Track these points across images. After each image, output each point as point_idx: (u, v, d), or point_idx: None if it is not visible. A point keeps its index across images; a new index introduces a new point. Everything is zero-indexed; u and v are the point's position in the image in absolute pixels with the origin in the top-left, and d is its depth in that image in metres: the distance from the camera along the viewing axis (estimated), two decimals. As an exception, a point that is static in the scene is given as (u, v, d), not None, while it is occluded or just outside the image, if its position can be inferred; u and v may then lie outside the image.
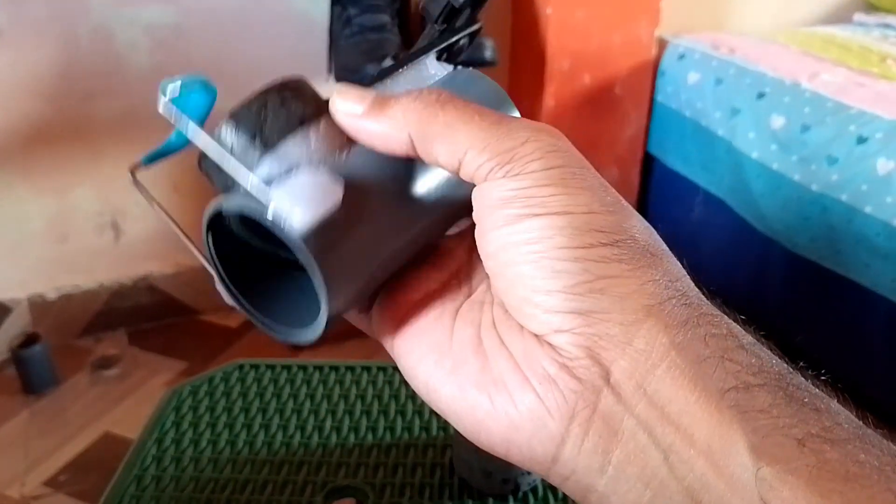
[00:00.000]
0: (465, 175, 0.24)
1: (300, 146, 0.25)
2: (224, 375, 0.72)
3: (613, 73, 1.76)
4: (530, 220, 0.23)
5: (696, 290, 0.25)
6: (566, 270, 0.23)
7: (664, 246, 0.25)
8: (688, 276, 0.25)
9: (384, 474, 0.59)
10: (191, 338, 1.79)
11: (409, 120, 0.24)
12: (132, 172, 0.26)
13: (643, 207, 1.95)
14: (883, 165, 1.32)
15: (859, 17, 2.08)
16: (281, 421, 0.66)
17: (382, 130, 0.25)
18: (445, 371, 0.25)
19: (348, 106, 0.25)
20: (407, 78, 0.29)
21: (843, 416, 0.22)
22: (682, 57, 1.79)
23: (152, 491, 0.58)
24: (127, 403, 1.57)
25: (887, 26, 1.98)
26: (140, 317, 1.81)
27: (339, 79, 1.39)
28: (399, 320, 0.27)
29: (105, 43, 1.58)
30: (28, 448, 1.46)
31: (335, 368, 0.72)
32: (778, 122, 1.53)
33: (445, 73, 0.30)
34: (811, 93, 1.50)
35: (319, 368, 0.73)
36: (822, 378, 0.23)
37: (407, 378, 0.26)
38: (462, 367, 0.25)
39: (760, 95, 1.58)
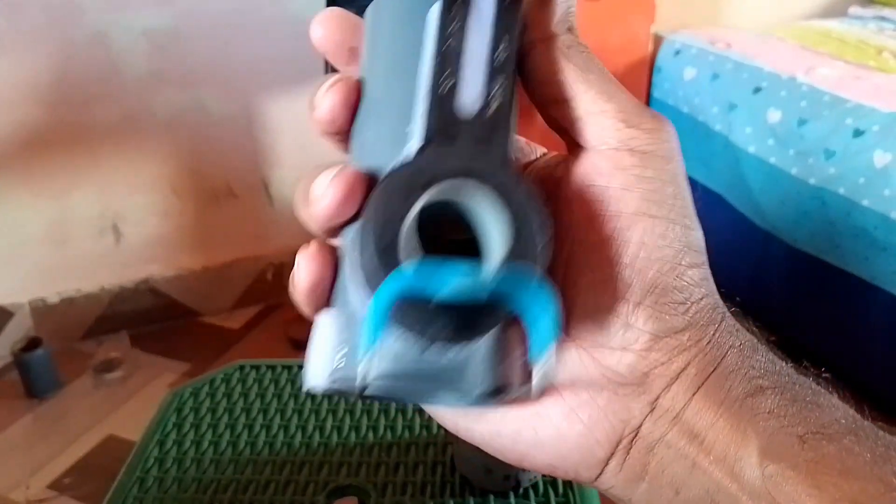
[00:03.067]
0: (585, 120, 0.25)
1: None
2: (225, 376, 0.72)
3: (610, 70, 1.75)
4: (651, 220, 0.23)
5: None
6: (663, 287, 0.23)
7: None
8: None
9: (386, 473, 0.60)
10: (192, 340, 1.79)
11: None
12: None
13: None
14: (880, 158, 1.32)
15: (855, 10, 2.08)
16: (282, 421, 0.66)
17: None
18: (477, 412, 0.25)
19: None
20: None
21: (840, 412, 0.23)
22: (678, 53, 1.79)
23: (155, 493, 0.59)
24: (130, 406, 1.58)
25: (883, 19, 1.98)
26: (141, 319, 1.81)
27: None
28: None
29: (102, 48, 1.58)
30: (32, 452, 1.46)
31: (336, 368, 0.73)
32: (775, 116, 1.53)
33: None
34: (808, 86, 1.50)
35: (320, 368, 0.73)
36: (825, 376, 0.24)
37: (436, 418, 0.26)
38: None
39: (757, 90, 1.58)
